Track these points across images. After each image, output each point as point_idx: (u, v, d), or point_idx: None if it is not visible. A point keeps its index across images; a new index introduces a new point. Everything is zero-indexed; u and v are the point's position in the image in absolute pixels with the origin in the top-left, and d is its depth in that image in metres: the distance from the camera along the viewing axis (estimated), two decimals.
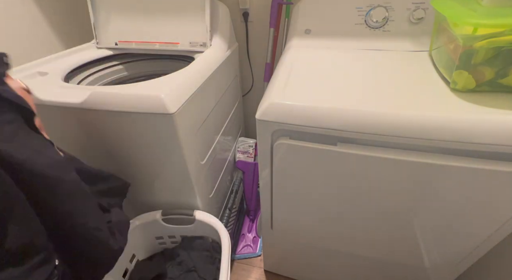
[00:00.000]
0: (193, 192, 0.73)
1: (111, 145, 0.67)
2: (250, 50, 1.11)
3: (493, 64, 0.47)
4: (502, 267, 0.68)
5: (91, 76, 0.84)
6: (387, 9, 0.72)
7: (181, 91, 0.60)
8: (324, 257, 0.83)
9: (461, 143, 0.44)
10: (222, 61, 0.82)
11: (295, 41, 0.80)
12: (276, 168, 0.61)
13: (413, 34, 0.72)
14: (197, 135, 0.69)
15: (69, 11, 1.05)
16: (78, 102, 0.58)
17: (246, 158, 1.04)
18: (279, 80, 0.59)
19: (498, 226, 0.54)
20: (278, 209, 0.72)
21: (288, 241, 0.83)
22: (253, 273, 1.04)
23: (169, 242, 0.86)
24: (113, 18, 0.87)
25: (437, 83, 0.54)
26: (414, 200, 0.55)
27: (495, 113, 0.44)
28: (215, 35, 0.85)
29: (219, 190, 0.93)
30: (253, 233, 1.15)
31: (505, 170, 0.45)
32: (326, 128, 0.50)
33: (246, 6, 1.00)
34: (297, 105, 0.51)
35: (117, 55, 0.90)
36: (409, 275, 0.76)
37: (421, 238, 0.63)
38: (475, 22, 0.44)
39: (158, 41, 0.86)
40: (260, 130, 0.56)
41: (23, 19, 0.90)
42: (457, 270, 0.69)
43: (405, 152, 0.49)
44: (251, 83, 1.20)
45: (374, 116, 0.47)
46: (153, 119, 0.58)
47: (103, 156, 0.70)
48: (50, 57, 0.79)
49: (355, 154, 0.51)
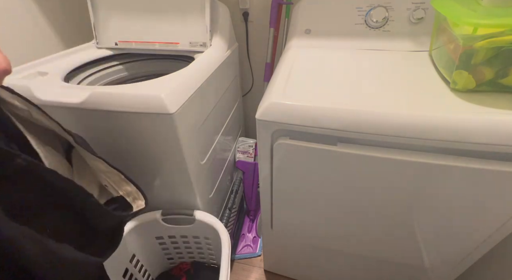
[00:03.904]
0: (193, 192, 0.73)
1: (111, 145, 0.67)
2: (250, 50, 1.11)
3: (493, 64, 0.47)
4: (502, 267, 0.68)
5: (91, 76, 0.84)
6: (387, 9, 0.72)
7: (181, 91, 0.60)
8: (324, 257, 0.83)
9: (461, 143, 0.44)
10: (222, 61, 0.82)
11: (295, 41, 0.80)
12: (276, 168, 0.61)
13: (413, 34, 0.72)
14: (197, 135, 0.69)
15: (69, 11, 1.05)
16: (78, 102, 0.58)
17: (246, 158, 1.04)
18: (279, 80, 0.59)
19: (498, 226, 0.54)
20: (278, 209, 0.72)
21: (288, 241, 0.83)
22: (253, 273, 1.04)
23: (169, 242, 0.86)
24: (113, 18, 0.87)
25: (437, 83, 0.54)
26: (414, 200, 0.55)
27: (495, 113, 0.44)
28: (215, 35, 0.85)
29: (219, 190, 0.93)
30: (253, 233, 1.15)
31: (505, 170, 0.45)
32: (326, 128, 0.50)
33: (246, 6, 1.00)
34: (297, 105, 0.51)
35: (117, 55, 0.90)
36: (409, 275, 0.76)
37: (421, 238, 0.63)
38: (475, 22, 0.45)
39: (158, 41, 0.86)
40: (260, 130, 0.56)
41: (23, 19, 0.90)
42: (457, 270, 0.69)
43: (405, 152, 0.49)
44: (251, 83, 1.20)
45: (374, 116, 0.47)
46: (153, 119, 0.58)
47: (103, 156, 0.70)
48: (50, 57, 0.79)
49: (355, 154, 0.51)
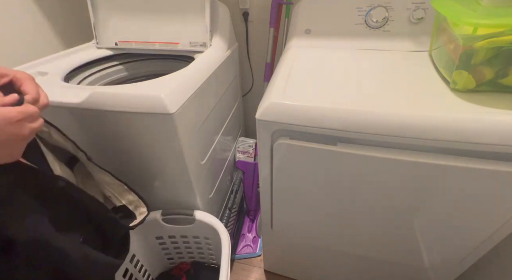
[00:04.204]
0: (193, 192, 0.73)
1: (111, 145, 0.67)
2: (250, 50, 1.11)
3: (493, 64, 0.47)
4: (502, 267, 0.68)
5: (91, 76, 0.84)
6: (387, 9, 0.72)
7: (181, 91, 0.60)
8: (324, 257, 0.83)
9: (461, 143, 0.44)
10: (222, 61, 0.82)
11: (295, 41, 0.80)
12: (276, 168, 0.61)
13: (413, 34, 0.72)
14: (197, 135, 0.69)
15: (69, 11, 1.05)
16: (78, 102, 0.58)
17: (246, 158, 1.04)
18: (279, 80, 0.59)
19: (498, 226, 0.54)
20: (278, 209, 0.72)
21: (288, 241, 0.83)
22: (253, 273, 1.04)
23: (169, 242, 0.86)
24: (113, 18, 0.87)
25: (437, 83, 0.54)
26: (414, 200, 0.55)
27: (495, 113, 0.44)
28: (215, 35, 0.85)
29: (219, 190, 0.93)
30: (253, 233, 1.15)
31: (505, 170, 0.45)
32: (326, 128, 0.50)
33: (246, 6, 1.00)
34: (297, 105, 0.51)
35: (117, 55, 0.90)
36: (409, 275, 0.76)
37: (421, 238, 0.63)
38: (475, 22, 0.44)
39: (158, 41, 0.86)
40: (260, 130, 0.56)
41: (23, 19, 0.90)
42: (457, 270, 0.69)
43: (405, 152, 0.49)
44: (251, 83, 1.20)
45: (374, 116, 0.47)
46: (153, 119, 0.58)
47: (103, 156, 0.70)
48: (50, 57, 0.79)
49: (355, 154, 0.51)
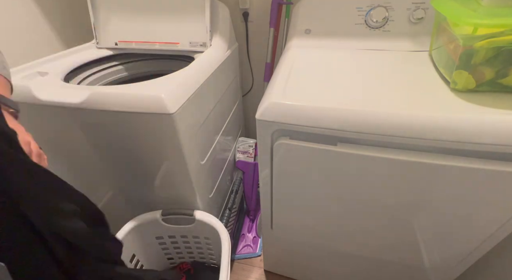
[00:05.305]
0: (193, 192, 0.73)
1: (111, 145, 0.67)
2: (250, 50, 1.11)
3: (493, 64, 0.47)
4: (502, 267, 0.68)
5: (91, 76, 0.84)
6: (387, 9, 0.72)
7: (181, 91, 0.60)
8: (324, 257, 0.83)
9: (461, 143, 0.44)
10: (222, 61, 0.82)
11: (295, 41, 0.80)
12: (276, 168, 0.60)
13: (413, 34, 0.72)
14: (197, 135, 0.69)
15: (69, 11, 1.05)
16: (78, 102, 0.58)
17: (246, 158, 1.04)
18: (279, 80, 0.59)
19: (498, 226, 0.54)
20: (278, 209, 0.72)
21: (288, 241, 0.83)
22: (253, 273, 1.04)
23: (169, 242, 0.86)
24: (113, 18, 0.87)
25: (437, 83, 0.54)
26: (414, 200, 0.55)
27: (495, 113, 0.44)
28: (215, 35, 0.85)
29: (219, 190, 0.93)
30: (253, 233, 1.15)
31: (505, 170, 0.45)
32: (326, 128, 0.49)
33: (246, 6, 1.00)
34: (297, 105, 0.51)
35: (117, 55, 0.90)
36: (409, 275, 0.76)
37: (421, 238, 0.63)
38: (475, 22, 0.45)
39: (158, 41, 0.86)
40: (260, 130, 0.56)
41: (23, 19, 0.90)
42: (457, 270, 0.69)
43: (405, 152, 0.49)
44: (251, 83, 1.20)
45: (374, 116, 0.47)
46: (153, 119, 0.58)
47: (103, 156, 0.71)
48: (50, 57, 0.79)
49: (355, 154, 0.51)
